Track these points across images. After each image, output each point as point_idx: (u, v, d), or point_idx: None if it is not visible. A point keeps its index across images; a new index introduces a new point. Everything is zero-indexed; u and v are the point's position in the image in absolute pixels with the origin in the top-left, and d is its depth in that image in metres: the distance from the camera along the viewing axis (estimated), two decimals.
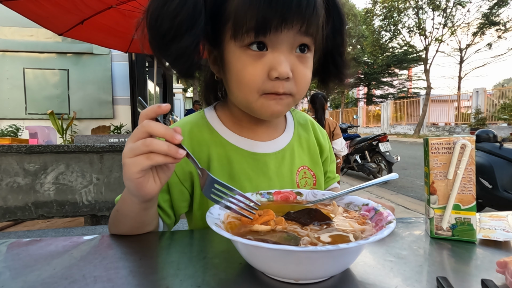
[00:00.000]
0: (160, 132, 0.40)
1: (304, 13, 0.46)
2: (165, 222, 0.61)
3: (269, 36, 0.47)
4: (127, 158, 0.41)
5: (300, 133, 0.70)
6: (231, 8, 0.48)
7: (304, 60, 0.52)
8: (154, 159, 0.40)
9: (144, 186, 0.43)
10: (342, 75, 0.62)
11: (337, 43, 0.58)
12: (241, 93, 0.53)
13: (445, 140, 0.50)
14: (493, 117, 12.36)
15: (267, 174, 0.61)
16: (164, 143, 0.40)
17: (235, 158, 0.60)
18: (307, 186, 0.66)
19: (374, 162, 4.92)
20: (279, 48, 0.49)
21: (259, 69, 0.49)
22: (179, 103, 13.87)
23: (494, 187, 2.54)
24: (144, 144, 0.40)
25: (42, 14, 2.81)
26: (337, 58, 0.60)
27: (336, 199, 0.51)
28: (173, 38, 0.46)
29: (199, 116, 0.65)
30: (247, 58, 0.50)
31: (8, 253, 0.46)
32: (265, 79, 0.50)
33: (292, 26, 0.47)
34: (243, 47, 0.49)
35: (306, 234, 0.38)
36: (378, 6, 18.56)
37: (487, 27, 15.21)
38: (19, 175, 2.24)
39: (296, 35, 0.49)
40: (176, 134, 0.40)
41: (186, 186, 0.60)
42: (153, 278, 0.37)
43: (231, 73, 0.53)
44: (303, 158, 0.68)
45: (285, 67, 0.48)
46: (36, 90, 4.59)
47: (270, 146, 0.63)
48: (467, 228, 0.49)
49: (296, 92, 0.53)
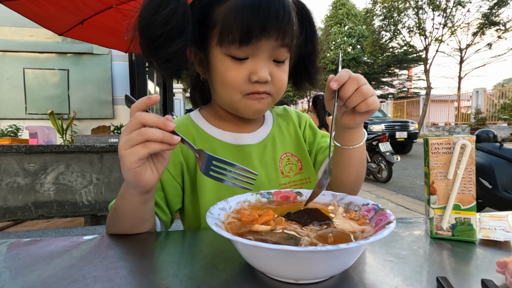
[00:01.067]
0: (153, 121, 0.42)
1: (280, 23, 0.52)
2: (162, 220, 0.62)
3: (251, 44, 0.52)
4: (124, 149, 0.42)
5: (279, 123, 0.75)
6: (218, 15, 0.54)
7: (281, 66, 0.59)
8: (151, 146, 0.42)
9: (143, 176, 0.44)
10: (314, 79, 0.69)
11: (309, 51, 0.64)
12: (225, 93, 0.59)
13: (445, 140, 0.50)
14: (493, 117, 12.36)
15: (252, 164, 0.65)
16: (158, 131, 0.42)
17: (220, 151, 0.65)
18: (291, 172, 0.69)
19: (374, 162, 4.92)
20: (259, 57, 0.55)
21: (241, 73, 0.55)
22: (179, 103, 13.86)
23: (494, 187, 2.54)
24: (139, 133, 0.41)
25: (42, 14, 2.80)
26: (309, 65, 0.67)
27: (336, 199, 0.51)
28: (163, 44, 0.50)
29: (185, 117, 0.71)
30: (230, 63, 0.55)
31: (8, 253, 0.46)
32: (246, 82, 0.56)
33: (270, 35, 0.52)
34: (227, 55, 0.55)
35: (306, 234, 0.38)
36: (378, 6, 18.54)
37: (487, 27, 15.20)
38: (19, 175, 2.24)
39: (274, 46, 0.54)
40: (169, 121, 0.42)
41: (178, 181, 0.64)
42: (153, 278, 0.37)
43: (216, 75, 0.58)
44: (285, 146, 0.72)
45: (264, 72, 0.55)
46: (36, 90, 4.58)
47: (252, 138, 0.68)
48: (467, 228, 0.49)
49: (274, 93, 0.59)
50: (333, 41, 23.76)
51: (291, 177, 0.68)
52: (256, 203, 0.52)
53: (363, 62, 23.29)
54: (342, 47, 23.41)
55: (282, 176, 0.67)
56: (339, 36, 23.75)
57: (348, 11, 23.83)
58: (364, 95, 0.48)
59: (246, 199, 0.51)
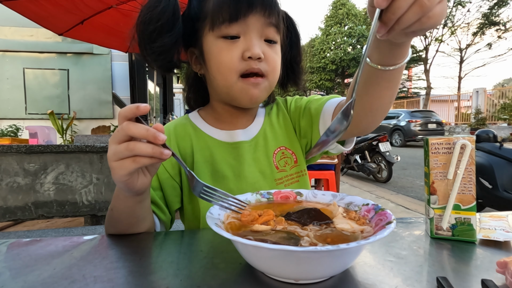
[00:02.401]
0: (141, 135, 0.39)
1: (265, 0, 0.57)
2: (161, 219, 0.62)
3: (240, 21, 0.56)
4: (113, 161, 0.41)
5: (271, 117, 0.74)
6: (208, 8, 0.58)
7: (273, 47, 0.61)
8: (140, 161, 0.41)
9: (135, 184, 0.44)
10: (299, 80, 0.73)
11: (294, 54, 0.70)
12: (221, 76, 0.60)
13: (445, 140, 0.50)
14: (493, 117, 12.36)
15: (246, 161, 0.66)
16: (148, 146, 0.40)
17: (217, 150, 0.67)
18: (287, 165, 0.69)
19: (374, 162, 4.92)
20: (249, 34, 0.58)
21: (235, 52, 0.57)
22: (179, 103, 13.86)
23: (494, 187, 2.54)
24: (127, 149, 0.40)
25: (42, 14, 2.80)
26: (295, 66, 0.71)
27: (336, 199, 0.51)
28: (155, 38, 0.55)
29: (183, 118, 0.73)
30: (223, 44, 0.58)
31: (8, 253, 0.46)
32: (240, 60, 0.57)
33: (257, 11, 0.57)
34: (220, 37, 0.58)
35: (306, 234, 0.38)
36: None
37: (487, 27, 15.20)
38: (19, 175, 2.24)
39: (262, 24, 0.58)
40: (159, 134, 0.39)
41: (177, 180, 0.65)
42: (153, 278, 0.37)
43: (211, 61, 0.60)
44: (279, 139, 0.71)
45: (256, 48, 0.57)
46: (36, 90, 4.58)
47: (245, 135, 0.69)
48: (467, 228, 0.49)
49: (269, 72, 0.60)
50: (333, 41, 23.76)
51: (288, 171, 0.68)
52: (256, 203, 0.52)
53: None
54: (342, 47, 23.40)
55: (277, 171, 0.67)
56: (339, 36, 23.76)
57: (348, 11, 23.83)
58: (424, 10, 0.32)
59: (246, 199, 0.51)
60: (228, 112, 0.69)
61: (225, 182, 0.64)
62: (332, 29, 24.06)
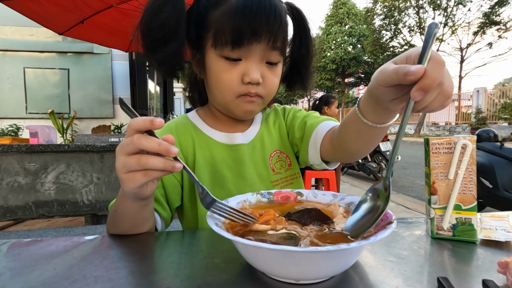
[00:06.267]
0: (154, 149, 0.38)
1: (271, 27, 0.54)
2: (162, 216, 0.62)
3: (243, 48, 0.55)
4: (122, 173, 0.41)
5: (268, 122, 0.76)
6: (213, 19, 0.56)
7: (273, 69, 0.60)
8: (152, 175, 0.40)
9: (144, 193, 0.44)
10: (307, 83, 0.70)
11: (303, 56, 0.66)
12: (219, 93, 0.61)
13: (446, 140, 0.50)
14: (493, 117, 12.35)
15: (245, 162, 0.67)
16: (160, 161, 0.39)
17: (216, 150, 0.67)
18: (282, 168, 0.71)
19: (374, 162, 4.92)
20: (251, 59, 0.57)
21: (234, 75, 0.57)
22: (180, 103, 13.87)
23: (495, 186, 2.54)
24: (138, 163, 0.39)
25: (42, 13, 2.80)
26: (302, 69, 0.68)
27: (337, 199, 0.51)
28: (159, 47, 0.54)
29: (182, 117, 0.73)
30: (224, 64, 0.57)
31: (9, 253, 0.46)
32: (239, 83, 0.58)
33: (262, 39, 0.55)
34: (221, 56, 0.57)
35: (306, 234, 0.38)
36: (378, 5, 18.51)
37: (487, 26, 15.17)
38: (19, 175, 2.24)
39: (265, 49, 0.56)
40: (172, 147, 0.38)
41: (178, 179, 0.65)
42: (153, 278, 0.37)
43: (211, 76, 0.60)
44: (274, 143, 0.73)
45: (256, 74, 0.57)
46: (36, 90, 4.58)
47: (243, 137, 0.70)
48: (468, 228, 0.49)
49: (265, 95, 0.61)
50: (333, 40, 23.73)
51: (283, 174, 0.71)
52: (257, 203, 0.52)
53: (364, 62, 23.26)
54: (343, 46, 23.38)
55: (273, 173, 0.69)
56: (340, 36, 23.72)
57: (349, 10, 23.79)
58: (446, 98, 0.36)
59: (246, 199, 0.51)
60: (226, 117, 0.70)
61: (225, 183, 0.65)
62: (332, 29, 24.02)
